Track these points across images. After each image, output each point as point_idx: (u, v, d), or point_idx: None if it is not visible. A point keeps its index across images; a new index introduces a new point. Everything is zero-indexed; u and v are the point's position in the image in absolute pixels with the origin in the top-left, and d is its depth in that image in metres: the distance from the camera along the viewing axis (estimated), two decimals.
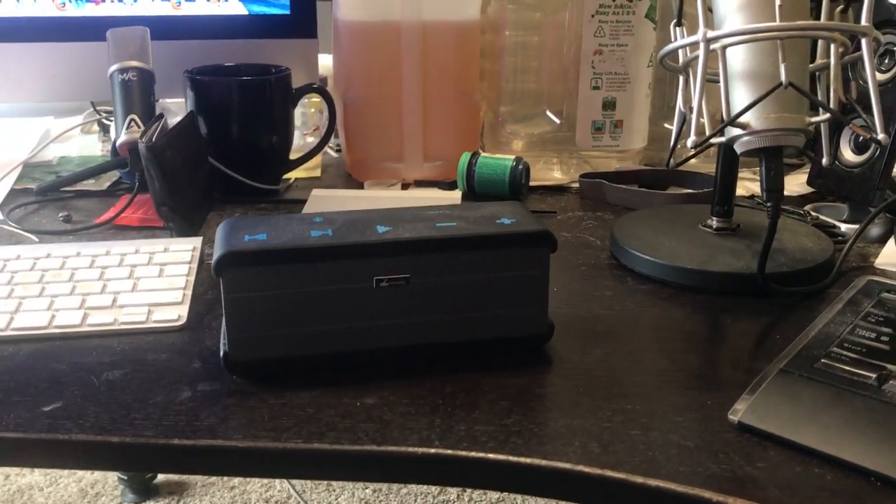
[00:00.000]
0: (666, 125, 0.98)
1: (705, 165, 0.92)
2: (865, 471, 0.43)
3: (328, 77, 1.09)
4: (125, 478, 1.52)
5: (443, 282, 0.52)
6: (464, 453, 0.45)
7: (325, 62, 1.07)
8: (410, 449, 0.45)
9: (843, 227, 0.78)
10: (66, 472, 1.58)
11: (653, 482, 0.42)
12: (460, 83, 0.91)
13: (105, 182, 0.90)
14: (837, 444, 0.44)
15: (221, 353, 0.51)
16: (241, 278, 0.49)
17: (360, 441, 0.45)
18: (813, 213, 0.81)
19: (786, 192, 0.85)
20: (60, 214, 0.81)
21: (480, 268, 0.52)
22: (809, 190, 0.86)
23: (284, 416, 0.48)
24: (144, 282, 0.63)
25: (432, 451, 0.45)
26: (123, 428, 0.47)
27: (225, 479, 1.55)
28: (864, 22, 0.54)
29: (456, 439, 0.46)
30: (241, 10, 0.97)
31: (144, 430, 0.46)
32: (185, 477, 1.57)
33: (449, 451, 0.45)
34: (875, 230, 0.77)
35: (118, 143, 0.81)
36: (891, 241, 0.70)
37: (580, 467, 0.44)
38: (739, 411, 0.47)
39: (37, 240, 0.74)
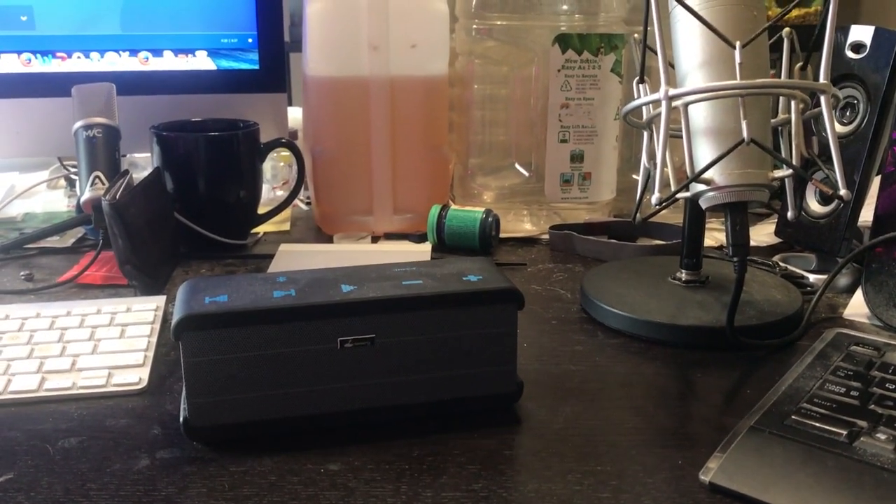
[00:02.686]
0: (634, 176, 0.99)
1: (674, 216, 0.92)
2: None
3: (298, 130, 1.09)
4: None
5: (409, 341, 0.51)
6: None
7: (297, 115, 1.07)
8: None
9: (812, 277, 0.78)
10: None
11: None
12: (429, 136, 0.92)
13: (70, 239, 0.89)
14: None
15: (181, 419, 0.50)
16: (201, 342, 0.48)
17: None
18: (781, 264, 0.81)
19: (754, 243, 0.86)
20: (22, 273, 0.79)
21: (447, 326, 0.52)
22: (777, 240, 0.87)
23: (245, 484, 0.46)
24: (105, 343, 0.61)
25: None
26: (77, 500, 0.45)
27: None
28: (822, 79, 0.55)
29: None
30: (210, 65, 0.97)
31: (99, 502, 0.45)
32: None
33: None
34: (843, 280, 0.77)
35: (82, 200, 0.80)
36: (858, 291, 0.71)
37: None
38: (711, 471, 0.47)
39: None
